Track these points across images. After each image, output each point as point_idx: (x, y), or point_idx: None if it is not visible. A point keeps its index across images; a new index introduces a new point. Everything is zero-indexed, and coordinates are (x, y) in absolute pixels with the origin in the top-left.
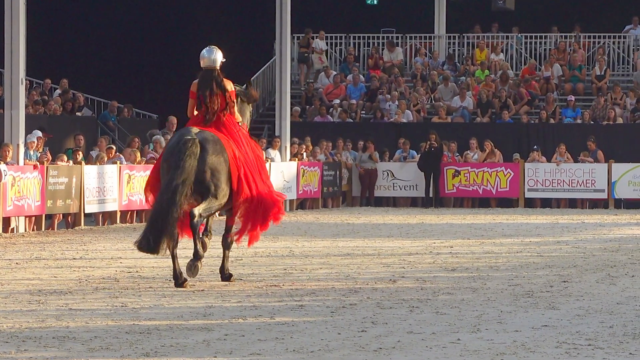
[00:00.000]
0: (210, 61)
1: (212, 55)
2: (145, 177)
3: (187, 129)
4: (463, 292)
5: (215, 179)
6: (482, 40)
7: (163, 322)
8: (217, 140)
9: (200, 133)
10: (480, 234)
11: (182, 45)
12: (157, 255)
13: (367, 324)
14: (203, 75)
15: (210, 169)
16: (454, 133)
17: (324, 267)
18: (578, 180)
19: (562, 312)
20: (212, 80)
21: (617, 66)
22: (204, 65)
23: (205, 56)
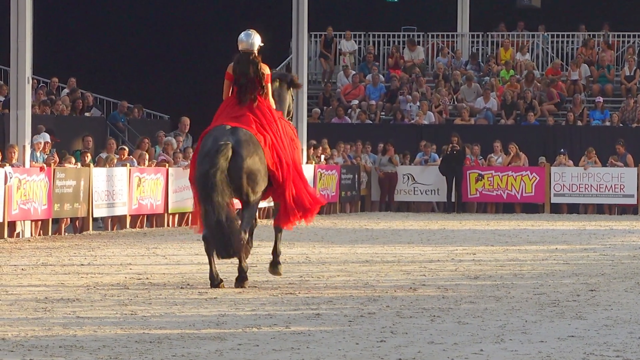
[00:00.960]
0: (248, 44)
1: (250, 38)
2: (156, 180)
3: (220, 131)
4: (486, 301)
5: (252, 182)
6: (507, 39)
7: (174, 331)
8: (249, 138)
9: (233, 134)
10: (504, 240)
11: (196, 44)
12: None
13: (386, 334)
14: (239, 58)
15: (247, 174)
16: (477, 135)
17: (341, 275)
18: (606, 185)
19: (589, 322)
20: (248, 64)
21: None
22: (242, 48)
23: (244, 39)
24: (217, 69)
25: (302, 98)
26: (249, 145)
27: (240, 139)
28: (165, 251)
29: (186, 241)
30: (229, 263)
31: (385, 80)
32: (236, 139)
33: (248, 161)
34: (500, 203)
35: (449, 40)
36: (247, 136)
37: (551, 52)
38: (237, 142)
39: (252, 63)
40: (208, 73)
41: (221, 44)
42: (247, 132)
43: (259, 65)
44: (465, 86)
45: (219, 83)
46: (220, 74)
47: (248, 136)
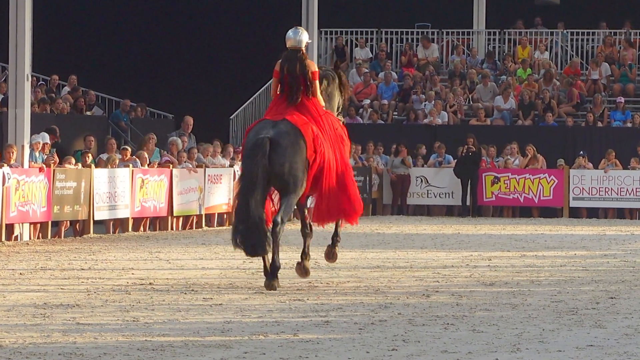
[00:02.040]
0: (296, 41)
1: (298, 35)
2: (160, 182)
3: (263, 124)
4: (502, 308)
5: (293, 171)
6: (525, 36)
7: (177, 338)
8: (290, 129)
9: (273, 127)
10: (521, 245)
11: (201, 41)
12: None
13: (398, 342)
14: (287, 55)
15: (287, 163)
16: (494, 136)
17: (351, 281)
18: (627, 189)
19: (609, 331)
20: (296, 61)
21: None
22: (289, 45)
23: (291, 37)
24: (223, 67)
25: None
26: (289, 135)
27: (280, 130)
28: (169, 255)
29: (190, 245)
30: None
31: (398, 79)
32: (276, 130)
33: (289, 151)
34: (517, 207)
35: (464, 38)
36: (287, 127)
37: (570, 50)
38: (278, 133)
39: (299, 60)
40: (213, 71)
41: (228, 42)
42: (288, 123)
43: (306, 62)
44: (481, 85)
45: (224, 81)
46: (227, 72)
47: (289, 127)
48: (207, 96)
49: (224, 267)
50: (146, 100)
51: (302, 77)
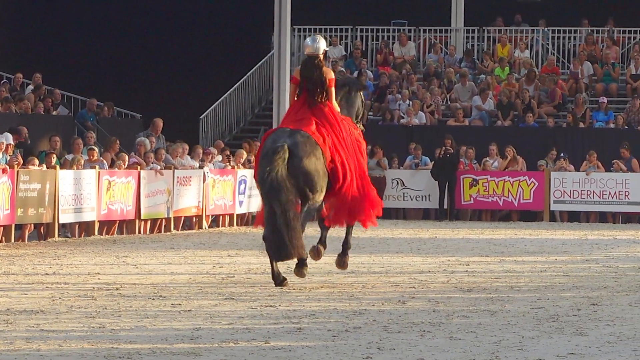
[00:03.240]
0: (313, 49)
1: (315, 43)
2: (127, 184)
3: (280, 133)
4: (480, 315)
5: (310, 181)
6: (504, 34)
7: (145, 345)
8: (306, 139)
9: (290, 136)
10: (500, 250)
11: (170, 39)
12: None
13: (372, 350)
14: (305, 62)
15: (303, 174)
16: (472, 138)
17: (325, 286)
18: (610, 192)
19: (591, 339)
20: (313, 67)
21: None
22: (307, 52)
23: (309, 44)
24: (193, 65)
25: (284, 97)
26: (306, 146)
27: (297, 140)
28: (136, 260)
29: (159, 249)
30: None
31: (374, 78)
32: (293, 140)
33: (305, 161)
34: (496, 210)
35: (442, 36)
36: (304, 137)
37: (552, 48)
38: (294, 143)
39: (316, 67)
40: (183, 70)
41: (198, 40)
42: (304, 134)
43: (323, 69)
44: (459, 85)
45: (193, 81)
46: (197, 71)
47: (306, 137)
48: (176, 96)
49: (193, 272)
50: (113, 99)
51: (319, 83)
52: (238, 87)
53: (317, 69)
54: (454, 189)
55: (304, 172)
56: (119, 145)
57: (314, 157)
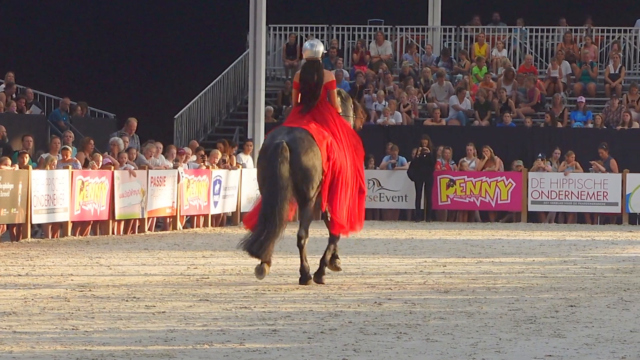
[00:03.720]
0: (313, 53)
1: (315, 47)
2: (101, 184)
3: (278, 130)
4: (457, 317)
5: (307, 179)
6: (482, 33)
7: (119, 347)
8: (304, 136)
9: (289, 133)
10: (477, 251)
11: (144, 38)
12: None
13: (348, 352)
14: (305, 66)
15: (301, 170)
16: (449, 138)
17: (300, 288)
18: (588, 192)
19: (569, 341)
20: (313, 71)
21: (634, 64)
22: (307, 56)
23: (308, 48)
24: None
25: (260, 96)
26: (304, 142)
27: (295, 136)
28: (110, 261)
29: (132, 250)
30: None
31: (350, 77)
32: (291, 137)
33: (303, 158)
34: (473, 211)
35: (419, 35)
36: (302, 134)
37: (529, 47)
38: (292, 140)
39: (316, 70)
40: (157, 69)
41: (173, 39)
42: (302, 130)
43: (323, 72)
44: (436, 84)
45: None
46: (171, 70)
47: (303, 134)
48: (151, 95)
49: (168, 273)
50: (87, 98)
51: (319, 86)
52: (213, 87)
53: (317, 72)
54: (431, 189)
55: (302, 169)
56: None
57: (312, 153)
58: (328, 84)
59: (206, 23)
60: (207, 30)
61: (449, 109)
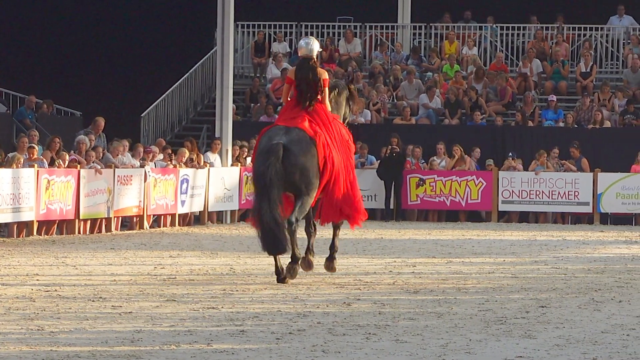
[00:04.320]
0: (308, 50)
1: (309, 45)
2: (67, 183)
3: (275, 130)
4: (427, 317)
5: (304, 177)
6: (452, 31)
7: (84, 348)
8: (302, 137)
9: (286, 134)
10: (447, 251)
11: (111, 36)
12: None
13: (317, 353)
14: (300, 64)
15: (299, 170)
16: (419, 136)
17: (268, 288)
18: (559, 192)
19: (539, 342)
20: (308, 69)
21: (605, 62)
22: (301, 54)
23: (303, 46)
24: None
25: (228, 94)
26: (302, 142)
27: (292, 137)
28: (76, 261)
29: (99, 250)
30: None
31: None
32: (289, 138)
33: (301, 158)
34: (443, 211)
35: (388, 32)
36: (299, 135)
37: (500, 45)
38: (290, 141)
39: (310, 68)
40: (124, 67)
41: (139, 37)
42: (300, 131)
43: (317, 70)
44: (405, 82)
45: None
46: (138, 68)
47: (301, 135)
48: (117, 93)
49: (134, 273)
50: (53, 96)
51: (313, 84)
52: (180, 85)
53: (312, 70)
54: (401, 188)
55: (300, 168)
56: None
57: (310, 153)
58: (322, 82)
59: (174, 20)
60: (175, 27)
61: (419, 107)
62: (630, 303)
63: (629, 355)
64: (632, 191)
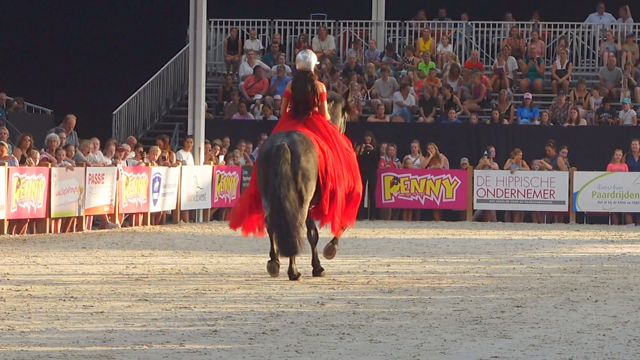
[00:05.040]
0: (305, 64)
1: (307, 58)
2: (38, 181)
3: (276, 135)
4: (401, 317)
5: (305, 179)
6: (427, 28)
7: (56, 348)
8: (303, 138)
9: (288, 136)
10: (421, 250)
11: (82, 32)
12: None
13: (290, 353)
14: (297, 76)
15: (302, 171)
16: (393, 134)
17: (241, 287)
18: (535, 191)
19: (515, 342)
20: (305, 81)
21: (581, 60)
22: (299, 67)
23: (301, 59)
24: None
25: (200, 92)
26: (303, 144)
27: (294, 139)
28: (47, 260)
29: (70, 249)
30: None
31: (292, 73)
32: (291, 139)
33: (302, 159)
34: (417, 209)
35: (362, 29)
36: (300, 137)
37: (475, 43)
38: (292, 142)
39: (308, 81)
40: (95, 64)
41: (111, 34)
42: (300, 134)
43: (315, 83)
44: (380, 80)
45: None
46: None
47: (302, 137)
48: (89, 90)
49: (106, 272)
50: (24, 94)
51: (311, 96)
52: (152, 82)
53: (309, 82)
54: (375, 187)
55: (302, 169)
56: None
57: (311, 155)
58: (319, 95)
59: (146, 17)
60: (147, 24)
61: (393, 105)
62: (607, 303)
63: (605, 355)
64: (608, 190)
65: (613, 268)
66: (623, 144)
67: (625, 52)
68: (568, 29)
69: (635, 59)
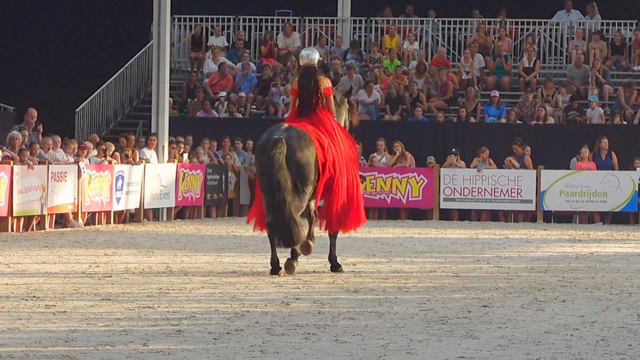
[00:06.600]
0: (309, 60)
1: (310, 55)
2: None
3: (276, 127)
4: (367, 317)
5: (302, 173)
6: (393, 25)
7: (18, 348)
8: (301, 135)
9: (287, 131)
10: (387, 250)
11: (45, 28)
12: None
13: (255, 353)
14: (302, 73)
15: (296, 166)
16: (359, 132)
17: (206, 287)
18: (502, 189)
19: (482, 342)
20: (309, 77)
21: (549, 57)
22: (303, 63)
23: (304, 56)
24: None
25: (164, 89)
26: (300, 140)
27: (292, 134)
28: (9, 259)
29: (32, 248)
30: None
31: (257, 70)
32: (288, 134)
33: (298, 154)
34: (383, 208)
35: (328, 26)
36: (299, 133)
37: (442, 40)
38: (289, 137)
39: (312, 77)
40: (58, 61)
41: (74, 31)
42: (299, 130)
43: (319, 78)
44: (345, 77)
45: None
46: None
47: (301, 133)
48: (51, 87)
49: (69, 271)
50: None
51: (315, 92)
52: (116, 79)
53: (313, 78)
54: None
55: (296, 164)
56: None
57: (308, 151)
58: (325, 90)
59: (109, 13)
60: (110, 20)
61: (359, 102)
62: (574, 303)
63: (572, 355)
64: (575, 189)
65: (581, 267)
66: (590, 142)
67: (593, 49)
68: (535, 26)
69: (603, 56)
